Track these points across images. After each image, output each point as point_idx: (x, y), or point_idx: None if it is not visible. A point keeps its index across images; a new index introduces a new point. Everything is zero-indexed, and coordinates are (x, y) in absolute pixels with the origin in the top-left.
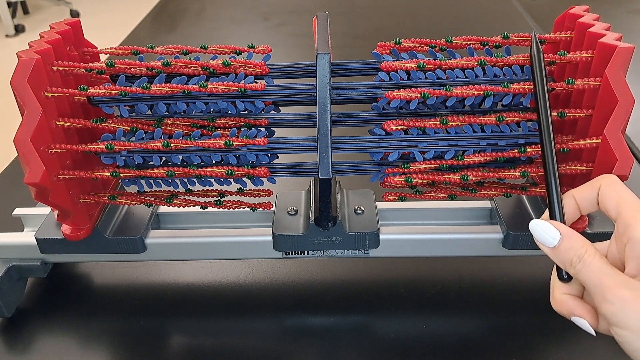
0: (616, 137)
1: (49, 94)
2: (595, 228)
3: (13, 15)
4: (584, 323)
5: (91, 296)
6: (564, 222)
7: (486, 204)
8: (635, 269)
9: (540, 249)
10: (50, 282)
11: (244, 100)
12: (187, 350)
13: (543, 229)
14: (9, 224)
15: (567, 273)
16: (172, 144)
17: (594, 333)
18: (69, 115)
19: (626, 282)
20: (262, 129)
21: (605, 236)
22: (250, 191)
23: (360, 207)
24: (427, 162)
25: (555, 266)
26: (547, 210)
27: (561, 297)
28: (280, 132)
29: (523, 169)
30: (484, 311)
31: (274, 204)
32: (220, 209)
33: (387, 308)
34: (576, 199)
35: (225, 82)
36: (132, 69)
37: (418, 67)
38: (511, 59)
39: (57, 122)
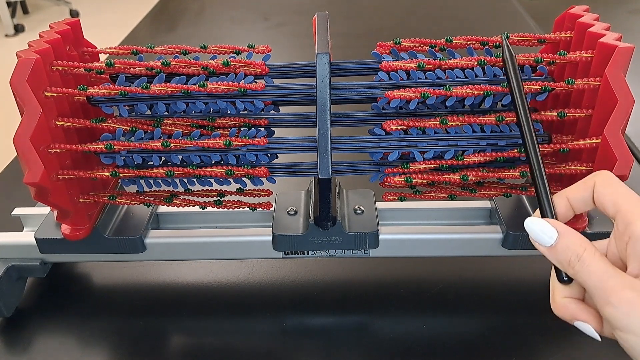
0: (616, 137)
1: (49, 94)
2: (595, 228)
3: (13, 15)
4: (588, 328)
5: (91, 296)
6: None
7: (486, 204)
8: (638, 268)
9: (536, 248)
10: (50, 282)
11: (243, 100)
12: (187, 350)
13: (539, 227)
14: (9, 224)
15: (566, 274)
16: (171, 144)
17: (599, 338)
18: (68, 115)
19: (630, 283)
20: (262, 129)
21: (606, 236)
22: (250, 191)
23: (360, 207)
24: (426, 162)
25: (554, 267)
26: (537, 209)
27: (562, 301)
28: (280, 132)
29: (523, 169)
30: (484, 311)
31: (273, 204)
32: (220, 209)
33: (387, 308)
34: (569, 199)
35: (224, 82)
36: (132, 69)
37: (418, 67)
38: None
39: (57, 122)
